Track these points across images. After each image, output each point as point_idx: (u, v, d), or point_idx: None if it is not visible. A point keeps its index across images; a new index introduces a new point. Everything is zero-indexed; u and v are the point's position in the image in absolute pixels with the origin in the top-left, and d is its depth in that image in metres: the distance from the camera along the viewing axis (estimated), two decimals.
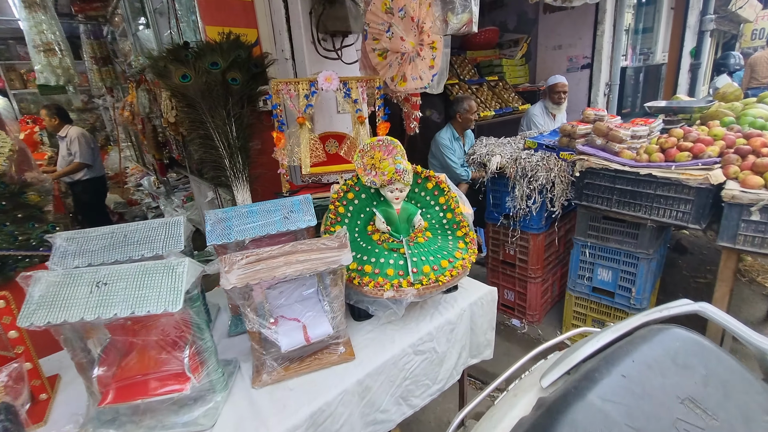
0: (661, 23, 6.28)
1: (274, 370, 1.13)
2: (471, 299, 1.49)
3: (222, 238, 1.26)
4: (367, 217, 1.48)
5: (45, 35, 2.72)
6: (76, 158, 3.99)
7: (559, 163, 2.18)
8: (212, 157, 1.80)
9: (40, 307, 0.87)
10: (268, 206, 1.36)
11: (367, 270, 1.30)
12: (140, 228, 1.23)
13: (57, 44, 2.78)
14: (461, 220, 1.50)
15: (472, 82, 4.46)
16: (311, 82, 1.69)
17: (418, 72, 1.65)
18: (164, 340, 0.99)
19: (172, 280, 0.92)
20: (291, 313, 1.19)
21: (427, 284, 1.26)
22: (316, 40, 1.84)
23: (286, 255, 1.10)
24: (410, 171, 1.40)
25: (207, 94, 1.74)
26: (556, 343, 1.28)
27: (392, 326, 1.35)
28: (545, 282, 2.66)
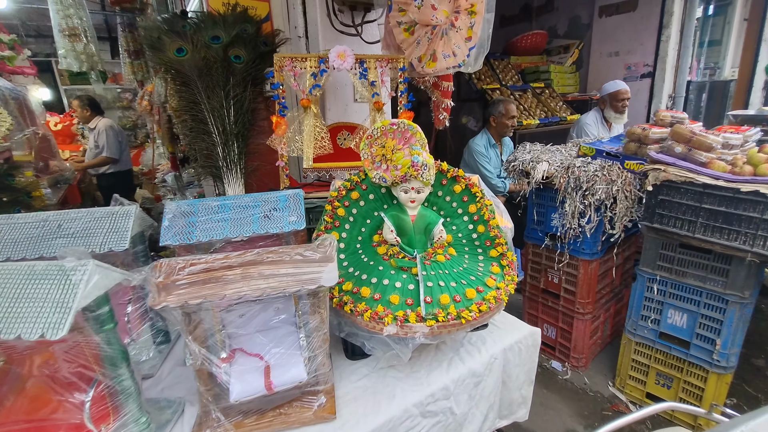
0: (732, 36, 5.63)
1: (221, 425, 0.81)
2: (505, 343, 1.12)
3: (181, 237, 0.98)
4: (374, 223, 1.16)
5: (71, 20, 2.66)
6: (103, 151, 3.97)
7: (623, 174, 1.77)
8: (204, 143, 1.55)
9: None
10: (246, 201, 1.07)
11: (364, 294, 0.96)
12: (80, 217, 0.97)
13: (83, 30, 2.72)
14: (497, 236, 1.14)
15: (515, 88, 4.08)
16: (321, 59, 1.40)
17: (451, 47, 1.32)
18: (56, 378, 0.70)
19: (62, 292, 0.63)
20: (252, 346, 0.88)
21: (445, 321, 0.90)
22: (331, 12, 1.56)
23: (245, 266, 0.79)
24: (432, 167, 1.06)
25: (204, 72, 1.51)
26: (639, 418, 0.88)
27: (394, 373, 1.00)
28: (595, 319, 2.20)
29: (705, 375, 1.72)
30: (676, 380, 1.84)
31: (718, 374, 1.68)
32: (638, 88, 4.25)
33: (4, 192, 1.67)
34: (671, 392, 1.86)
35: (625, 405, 2.00)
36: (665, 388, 1.89)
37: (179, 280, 0.76)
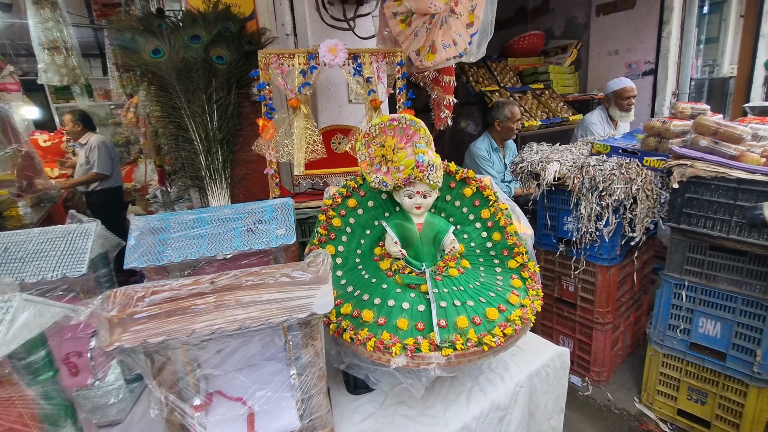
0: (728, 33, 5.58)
1: None
2: (531, 368, 0.97)
3: (149, 258, 0.83)
4: (375, 234, 1.02)
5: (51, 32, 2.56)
6: (93, 168, 3.84)
7: (643, 171, 1.63)
8: (186, 152, 1.42)
9: None
10: (227, 212, 0.93)
11: (366, 318, 0.82)
12: (31, 239, 0.83)
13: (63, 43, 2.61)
14: (516, 244, 1.00)
15: (515, 90, 3.98)
16: (310, 54, 1.27)
17: (452, 36, 1.20)
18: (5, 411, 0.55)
19: None
20: (233, 388, 0.73)
21: (464, 349, 0.76)
22: (320, 4, 1.44)
23: (219, 293, 0.65)
24: (439, 167, 0.93)
25: (184, 74, 1.39)
26: None
27: (405, 410, 0.85)
28: (616, 329, 2.04)
29: (744, 389, 1.56)
30: (711, 395, 1.68)
31: (759, 388, 1.52)
32: (640, 86, 4.14)
33: None
34: (706, 408, 1.70)
35: (655, 423, 1.83)
36: (699, 404, 1.72)
37: (137, 312, 0.61)
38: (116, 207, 4.12)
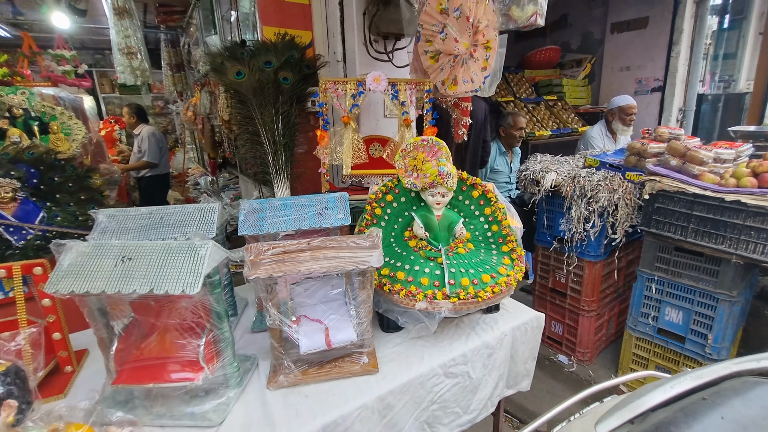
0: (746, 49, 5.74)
1: (291, 372, 1.05)
2: (514, 323, 1.34)
3: (254, 229, 1.23)
4: (405, 222, 1.40)
5: (128, 40, 3.00)
6: (144, 156, 4.32)
7: (624, 184, 1.97)
8: (257, 153, 1.81)
9: (67, 276, 0.87)
10: (303, 201, 1.32)
11: (399, 277, 1.20)
12: (176, 211, 1.24)
13: (138, 49, 3.05)
14: (508, 234, 1.36)
15: (529, 101, 4.29)
16: (359, 82, 1.66)
17: (470, 74, 1.56)
18: (182, 325, 0.95)
19: (194, 262, 0.88)
20: (314, 313, 1.12)
21: (465, 299, 1.13)
22: (368, 41, 1.82)
23: (313, 250, 1.03)
24: (454, 175, 1.30)
25: (258, 92, 1.77)
26: (614, 384, 1.09)
27: (422, 342, 1.23)
28: (600, 317, 2.38)
29: (698, 367, 1.89)
30: (673, 372, 2.01)
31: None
32: (648, 102, 4.41)
33: (83, 191, 1.95)
34: None
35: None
36: None
37: (265, 259, 1.01)
38: (163, 191, 4.59)
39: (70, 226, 1.82)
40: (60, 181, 1.83)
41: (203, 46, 3.26)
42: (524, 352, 1.37)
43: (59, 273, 0.88)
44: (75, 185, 1.89)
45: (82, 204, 1.92)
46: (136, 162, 4.36)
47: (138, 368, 0.96)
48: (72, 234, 1.82)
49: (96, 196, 2.03)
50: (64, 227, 1.80)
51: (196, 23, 3.29)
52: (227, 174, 3.37)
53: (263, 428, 0.92)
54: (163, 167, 4.54)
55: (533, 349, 1.40)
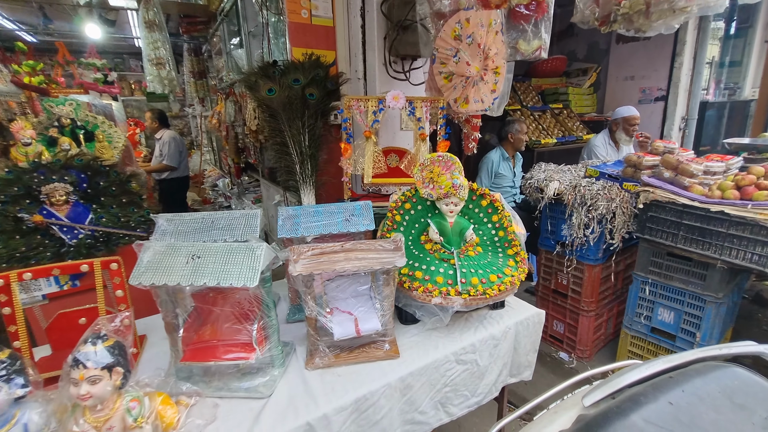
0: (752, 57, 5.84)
1: (326, 355, 1.24)
2: (517, 318, 1.51)
3: (291, 232, 1.41)
4: (421, 227, 1.57)
5: (158, 51, 3.20)
6: (164, 160, 4.53)
7: (621, 193, 2.13)
8: (286, 162, 2.00)
9: (147, 271, 1.06)
10: (332, 208, 1.50)
11: (417, 276, 1.37)
12: (225, 216, 1.42)
13: (166, 59, 3.25)
14: (513, 239, 1.53)
15: (535, 109, 4.44)
16: (380, 100, 1.83)
17: (481, 95, 1.73)
18: (238, 312, 1.14)
19: (252, 260, 1.06)
20: (345, 306, 1.30)
21: (475, 295, 1.30)
22: (387, 62, 2.00)
23: (346, 252, 1.21)
24: (466, 187, 1.47)
25: (287, 106, 1.96)
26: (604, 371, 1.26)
27: (437, 333, 1.41)
28: (599, 317, 2.54)
29: None
30: None
31: None
32: (652, 111, 4.55)
33: (124, 195, 2.14)
34: None
35: None
36: None
37: (305, 258, 1.19)
38: (182, 192, 4.80)
39: (114, 227, 2.02)
40: (105, 185, 2.03)
41: (226, 56, 3.46)
42: (526, 344, 1.54)
43: (140, 268, 1.07)
44: (118, 189, 2.08)
45: (124, 206, 2.12)
46: (157, 164, 4.58)
47: (200, 349, 1.15)
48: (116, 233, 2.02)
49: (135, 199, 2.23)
50: (109, 227, 2.00)
51: (220, 35, 3.49)
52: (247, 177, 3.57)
53: (306, 400, 1.10)
54: (182, 170, 4.75)
55: (534, 342, 1.57)
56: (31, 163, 1.87)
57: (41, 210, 1.85)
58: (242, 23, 2.78)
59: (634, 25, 1.39)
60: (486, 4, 1.34)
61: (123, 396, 0.88)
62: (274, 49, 2.33)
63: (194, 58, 4.26)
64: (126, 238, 2.01)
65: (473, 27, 1.72)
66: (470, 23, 1.73)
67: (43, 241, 1.87)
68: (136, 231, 2.05)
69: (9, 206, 1.80)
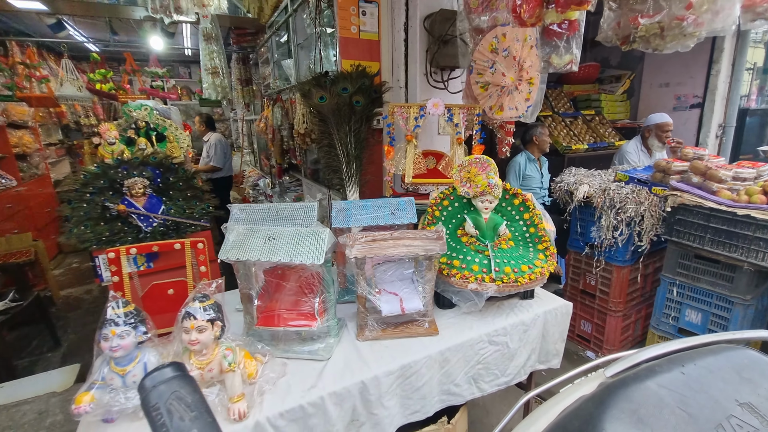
0: None
1: (375, 329, 1.42)
2: (546, 308, 1.64)
3: (343, 223, 1.61)
4: (458, 222, 1.73)
5: (214, 61, 3.52)
6: (211, 161, 4.88)
7: (650, 197, 2.21)
8: (333, 162, 2.21)
9: (233, 249, 1.27)
10: (379, 203, 1.69)
11: (455, 264, 1.54)
12: (287, 207, 1.64)
13: (221, 68, 3.57)
14: (543, 235, 1.67)
15: (567, 115, 4.51)
16: (421, 107, 2.02)
17: (515, 103, 1.88)
18: (303, 287, 1.34)
19: (318, 242, 1.26)
20: (391, 287, 1.48)
21: (507, 282, 1.46)
22: (428, 72, 2.18)
23: (395, 239, 1.39)
24: (500, 186, 1.63)
25: (336, 112, 2.17)
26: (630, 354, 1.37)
27: (471, 316, 1.56)
28: (627, 318, 2.61)
29: None
30: None
31: None
32: (687, 118, 4.51)
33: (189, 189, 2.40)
34: None
35: None
36: None
37: (360, 243, 1.38)
38: (226, 191, 5.15)
39: (181, 217, 2.29)
40: (174, 181, 2.30)
41: (272, 66, 3.74)
42: (554, 333, 1.67)
43: (227, 246, 1.29)
44: (184, 184, 2.35)
45: (188, 200, 2.38)
46: (204, 165, 4.94)
47: (270, 316, 1.35)
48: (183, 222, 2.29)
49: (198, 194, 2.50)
50: (177, 217, 2.27)
51: (268, 46, 3.78)
52: (288, 177, 3.83)
53: (359, 363, 1.29)
54: (226, 170, 5.10)
55: (562, 332, 1.69)
56: (115, 160, 2.16)
57: (123, 200, 2.13)
58: (292, 36, 3.04)
59: (651, 45, 1.51)
60: (522, 22, 1.50)
61: (220, 345, 1.09)
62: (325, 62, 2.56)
63: (242, 67, 4.61)
64: (191, 227, 2.27)
65: (509, 41, 1.88)
66: (506, 38, 1.89)
67: (123, 228, 2.15)
68: (199, 221, 2.31)
69: (97, 196, 2.10)
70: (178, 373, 0.41)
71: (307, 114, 2.51)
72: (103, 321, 1.03)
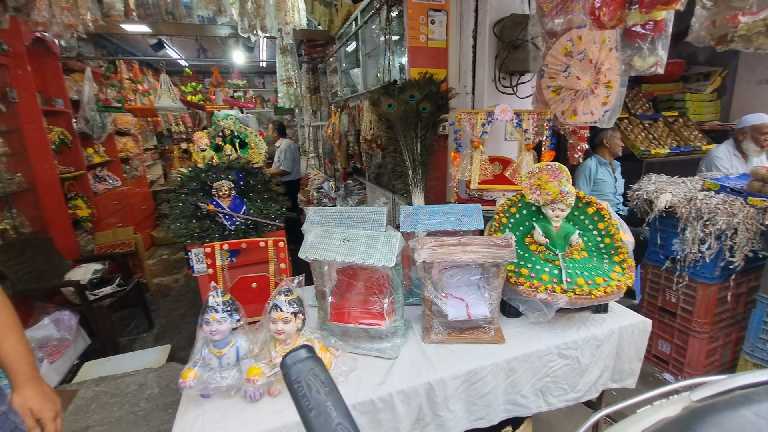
0: None
1: (440, 333, 1.45)
2: (621, 323, 1.56)
3: (411, 227, 1.66)
4: (526, 230, 1.71)
5: (288, 72, 3.78)
6: (281, 165, 5.23)
7: (745, 208, 1.99)
8: (399, 168, 2.28)
9: (311, 248, 1.38)
10: (446, 209, 1.72)
11: (523, 272, 1.52)
12: (357, 211, 1.73)
13: (294, 79, 3.82)
14: (620, 246, 1.59)
15: (645, 117, 4.18)
16: (488, 113, 2.01)
17: (590, 107, 1.81)
18: (373, 287, 1.41)
19: (389, 245, 1.33)
20: (457, 292, 1.51)
21: (580, 294, 1.41)
22: (496, 78, 2.17)
23: (463, 245, 1.42)
24: (573, 194, 1.58)
25: (403, 119, 2.24)
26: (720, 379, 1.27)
27: (539, 327, 1.53)
28: (714, 340, 2.37)
29: None
30: None
31: None
32: None
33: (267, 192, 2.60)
34: None
35: None
36: None
37: (428, 248, 1.42)
38: (294, 193, 5.47)
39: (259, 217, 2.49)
40: (254, 184, 2.51)
41: (340, 75, 3.93)
42: (630, 351, 1.58)
43: (306, 246, 1.40)
44: (262, 187, 2.55)
45: (265, 201, 2.58)
46: (275, 169, 5.29)
47: (342, 313, 1.44)
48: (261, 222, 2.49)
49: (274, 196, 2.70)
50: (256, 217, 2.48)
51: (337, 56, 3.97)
52: (351, 181, 3.98)
53: (425, 365, 1.33)
54: (294, 174, 5.42)
55: (639, 350, 1.60)
56: (206, 165, 2.41)
57: (212, 201, 2.38)
58: (360, 46, 3.17)
59: (753, 44, 1.37)
60: (601, 25, 1.44)
61: (301, 336, 1.19)
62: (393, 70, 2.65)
63: (311, 76, 4.89)
64: (268, 226, 2.46)
65: (585, 44, 1.82)
66: (582, 40, 1.83)
67: (211, 225, 2.39)
68: (275, 221, 2.50)
69: (190, 197, 2.36)
70: (310, 355, 0.48)
71: (374, 121, 2.61)
72: (205, 307, 1.18)
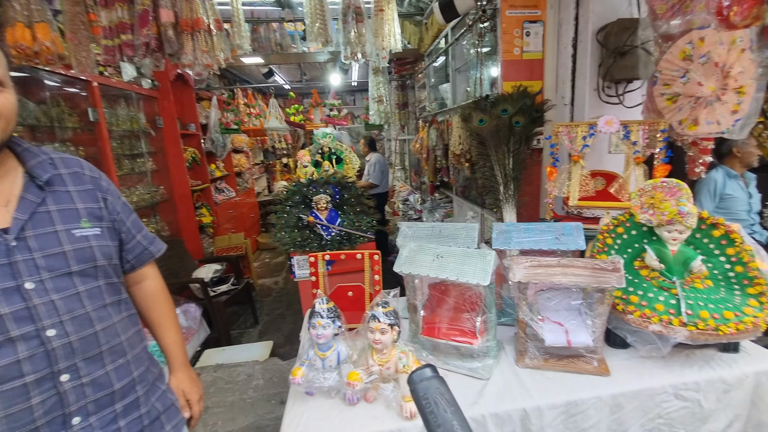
0: None
1: (536, 358, 1.40)
2: (758, 368, 1.33)
3: (504, 245, 1.64)
4: (635, 252, 1.56)
5: (380, 90, 3.99)
6: (370, 178, 5.47)
7: None
8: (490, 183, 2.25)
9: (406, 263, 1.45)
10: (542, 227, 1.66)
11: (632, 300, 1.40)
12: (449, 227, 1.76)
13: (385, 96, 4.02)
14: (756, 276, 1.37)
15: None
16: (590, 125, 1.89)
17: (716, 116, 1.60)
18: (465, 304, 1.42)
19: (484, 263, 1.33)
20: (555, 317, 1.44)
21: (704, 329, 1.25)
22: (599, 87, 2.03)
23: (563, 267, 1.36)
24: (695, 215, 1.41)
25: (495, 134, 2.21)
26: None
27: (651, 362, 1.38)
28: None
29: None
30: None
31: None
32: None
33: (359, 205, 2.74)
34: None
35: None
36: None
37: (524, 267, 1.38)
38: (382, 206, 5.68)
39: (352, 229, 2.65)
40: (348, 197, 2.68)
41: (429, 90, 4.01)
42: None
43: (401, 260, 1.47)
44: (355, 201, 2.72)
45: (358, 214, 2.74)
46: (364, 182, 5.56)
47: (433, 328, 1.48)
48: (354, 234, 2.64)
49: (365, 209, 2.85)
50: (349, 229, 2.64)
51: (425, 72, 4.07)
52: (437, 194, 4.01)
53: (520, 390, 1.29)
54: (383, 187, 5.63)
55: None
56: (307, 180, 2.65)
57: (311, 213, 2.60)
58: (450, 61, 3.22)
59: None
60: (729, 25, 1.28)
61: (396, 347, 1.26)
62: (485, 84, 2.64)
63: (400, 92, 5.09)
64: (360, 238, 2.61)
65: (709, 46, 1.62)
66: (705, 42, 1.64)
67: (310, 235, 2.62)
68: (366, 234, 2.64)
69: (293, 209, 2.61)
70: (435, 375, 0.53)
71: (463, 135, 2.62)
72: (312, 312, 1.31)
